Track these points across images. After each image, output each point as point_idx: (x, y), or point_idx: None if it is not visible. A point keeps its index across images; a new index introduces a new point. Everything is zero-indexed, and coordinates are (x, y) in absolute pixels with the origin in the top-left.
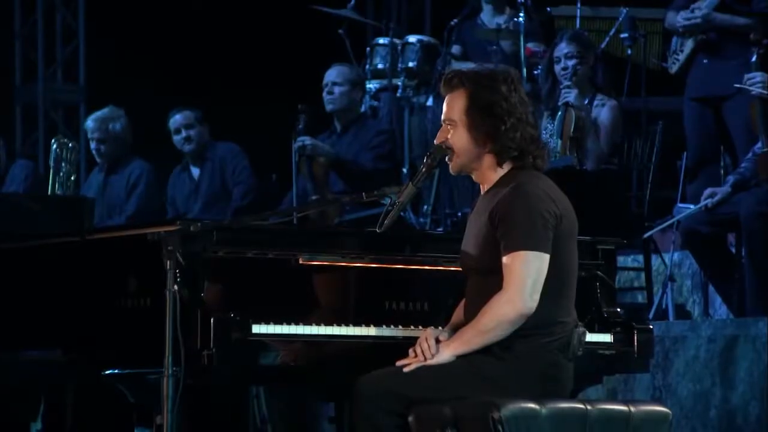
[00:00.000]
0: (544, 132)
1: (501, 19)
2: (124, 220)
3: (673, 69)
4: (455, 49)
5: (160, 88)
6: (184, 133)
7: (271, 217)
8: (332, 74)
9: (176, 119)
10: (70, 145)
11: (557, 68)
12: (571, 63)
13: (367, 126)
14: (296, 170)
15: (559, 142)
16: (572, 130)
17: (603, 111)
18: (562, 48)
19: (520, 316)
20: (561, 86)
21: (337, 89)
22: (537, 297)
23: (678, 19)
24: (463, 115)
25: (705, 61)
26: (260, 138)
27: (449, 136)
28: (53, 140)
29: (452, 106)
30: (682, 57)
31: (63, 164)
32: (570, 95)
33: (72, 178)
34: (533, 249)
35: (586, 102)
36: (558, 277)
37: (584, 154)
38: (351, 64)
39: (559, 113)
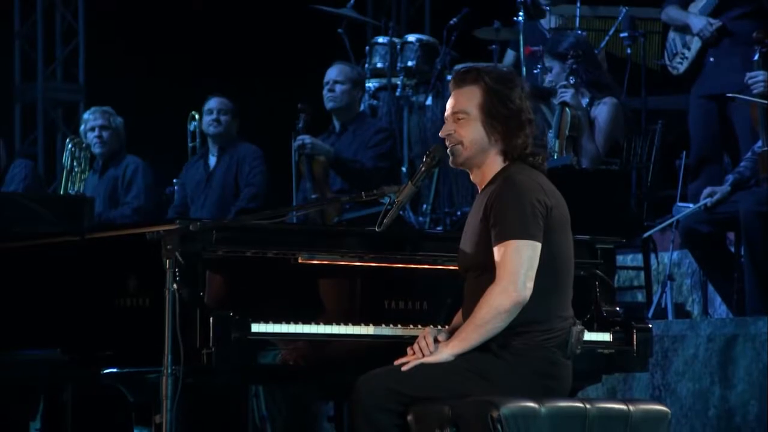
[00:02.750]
0: (550, 132)
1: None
2: (129, 211)
3: (680, 69)
4: (510, 55)
5: (160, 87)
6: (214, 115)
7: (269, 216)
8: (334, 72)
9: (212, 102)
10: (84, 144)
11: (556, 68)
12: (567, 63)
13: (366, 125)
14: (296, 169)
15: (557, 141)
16: (568, 129)
17: (601, 109)
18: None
19: (516, 304)
20: (558, 86)
21: (338, 87)
22: (531, 285)
23: (695, 25)
24: (478, 110)
25: (711, 59)
26: (260, 136)
27: (458, 129)
28: (68, 140)
29: (466, 100)
30: (690, 55)
31: (75, 164)
32: (566, 94)
33: (84, 176)
34: (524, 238)
35: (586, 101)
36: (551, 271)
37: (580, 154)
38: (352, 63)
39: (556, 112)
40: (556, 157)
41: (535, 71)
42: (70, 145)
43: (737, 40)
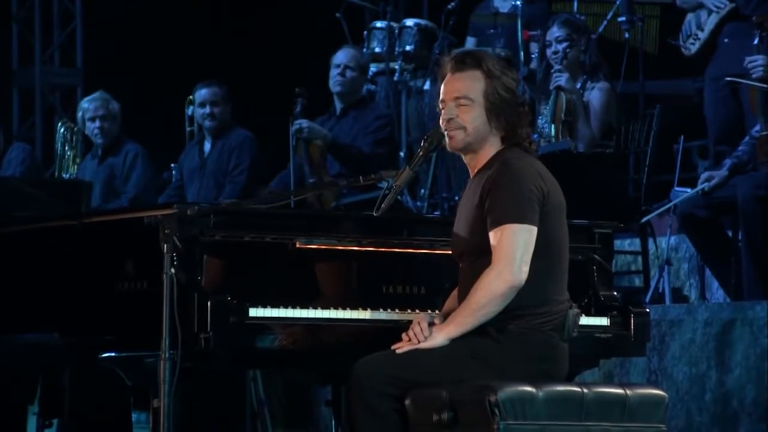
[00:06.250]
0: (540, 118)
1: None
2: (126, 202)
3: (692, 50)
4: (470, 42)
5: (158, 71)
6: (208, 109)
7: (267, 200)
8: (347, 57)
9: (202, 93)
10: (75, 128)
11: (548, 52)
12: (560, 47)
13: (367, 110)
14: (293, 153)
15: (552, 126)
16: (563, 113)
17: (594, 94)
18: (553, 32)
19: (511, 288)
20: (552, 70)
21: (349, 73)
22: (526, 269)
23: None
24: (482, 95)
25: (726, 40)
26: (257, 121)
27: (461, 114)
28: (60, 123)
29: (468, 86)
30: (703, 36)
31: (68, 147)
32: (561, 79)
33: (77, 161)
34: (520, 222)
35: (578, 85)
36: (547, 254)
37: (576, 138)
38: (358, 47)
39: (551, 97)
40: (553, 142)
41: (533, 55)
42: (62, 129)
43: (751, 23)
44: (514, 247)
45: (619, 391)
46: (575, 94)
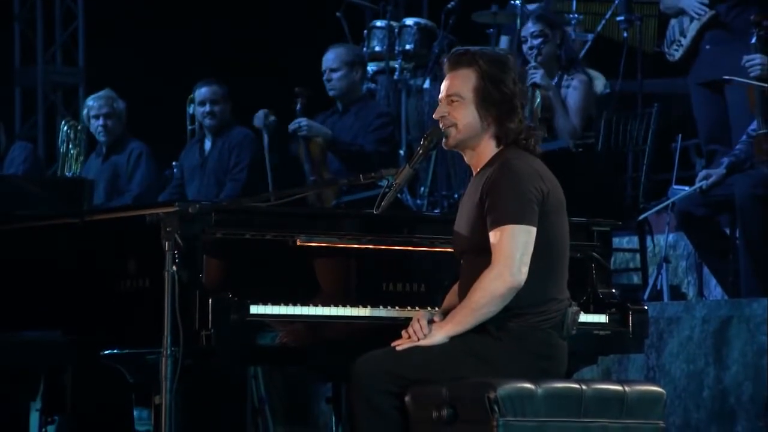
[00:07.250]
0: None
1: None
2: (130, 201)
3: (676, 56)
4: (504, 40)
5: (159, 70)
6: (208, 108)
7: (268, 198)
8: (329, 60)
9: (203, 92)
10: (78, 126)
11: (524, 48)
12: (536, 42)
13: (368, 107)
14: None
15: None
16: (540, 111)
17: (571, 89)
18: (528, 28)
19: (510, 289)
20: (527, 67)
21: (334, 75)
22: (525, 270)
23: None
24: (473, 93)
25: (707, 47)
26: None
27: (452, 111)
28: (63, 122)
29: (461, 82)
30: (685, 42)
31: (71, 146)
32: (536, 76)
33: (80, 159)
34: (519, 222)
35: (554, 81)
36: (548, 253)
37: (557, 133)
38: (348, 43)
39: (528, 96)
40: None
41: None
42: (65, 128)
43: (733, 28)
44: (513, 248)
45: (618, 387)
46: (551, 90)
